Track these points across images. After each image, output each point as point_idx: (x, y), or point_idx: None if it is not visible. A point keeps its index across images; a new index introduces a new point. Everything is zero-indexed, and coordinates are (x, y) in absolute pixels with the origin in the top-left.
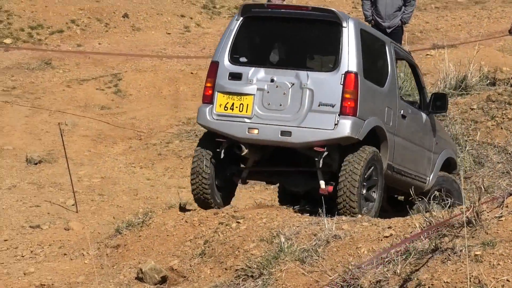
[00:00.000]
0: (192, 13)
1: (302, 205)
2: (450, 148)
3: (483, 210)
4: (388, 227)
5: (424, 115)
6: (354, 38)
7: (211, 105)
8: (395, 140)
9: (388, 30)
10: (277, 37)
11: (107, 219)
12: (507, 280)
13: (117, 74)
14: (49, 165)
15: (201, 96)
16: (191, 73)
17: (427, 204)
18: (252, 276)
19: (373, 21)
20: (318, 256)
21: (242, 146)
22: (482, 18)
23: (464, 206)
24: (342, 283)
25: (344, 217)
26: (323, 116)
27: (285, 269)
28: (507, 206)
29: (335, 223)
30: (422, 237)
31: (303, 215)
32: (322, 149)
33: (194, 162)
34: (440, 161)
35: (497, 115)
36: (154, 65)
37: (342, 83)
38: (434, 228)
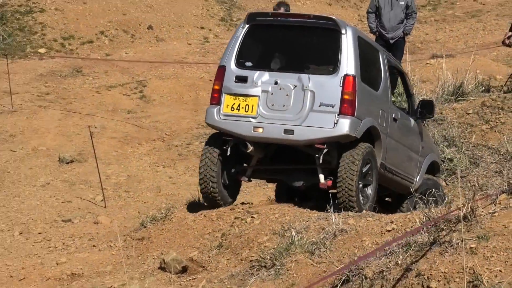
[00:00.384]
0: (211, 25)
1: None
2: (435, 153)
3: (478, 207)
4: (391, 222)
5: (412, 120)
6: (352, 44)
7: (219, 106)
8: (388, 140)
9: (391, 41)
10: (280, 43)
11: (133, 214)
12: (500, 271)
13: (142, 81)
14: (80, 164)
15: None
16: (210, 80)
17: (419, 202)
18: (265, 266)
19: (377, 33)
20: (326, 248)
21: (247, 144)
22: (477, 30)
23: (460, 203)
24: (348, 273)
25: (350, 213)
26: (324, 116)
27: (295, 260)
28: (499, 203)
29: (342, 218)
30: (421, 231)
31: (312, 211)
32: (322, 146)
33: (201, 161)
34: (426, 164)
35: (491, 119)
36: (176, 72)
37: (341, 85)
38: (433, 223)
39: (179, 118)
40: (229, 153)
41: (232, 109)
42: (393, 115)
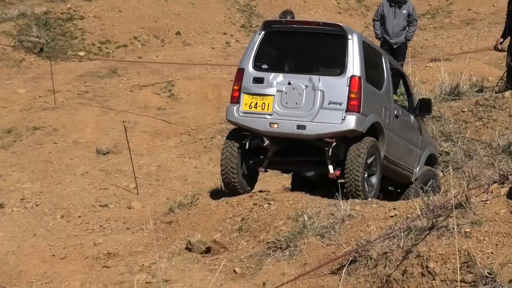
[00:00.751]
0: (233, 31)
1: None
2: (433, 147)
3: (472, 195)
4: (393, 209)
5: (412, 117)
6: (357, 48)
7: (238, 104)
8: (390, 135)
9: (395, 46)
10: (293, 47)
11: (162, 200)
12: (492, 253)
13: (171, 81)
14: (115, 155)
15: None
16: (231, 80)
17: (419, 191)
18: (280, 247)
19: (382, 38)
20: (335, 232)
21: (264, 138)
22: (472, 37)
23: (449, 193)
24: (355, 254)
25: (356, 200)
26: (332, 113)
27: (307, 242)
28: (491, 192)
29: (349, 205)
30: (421, 217)
31: (322, 198)
32: (331, 140)
33: (223, 154)
34: (425, 156)
35: (484, 116)
36: (201, 74)
37: (348, 85)
38: (431, 209)
39: (203, 114)
40: (247, 146)
41: (250, 107)
42: (395, 112)
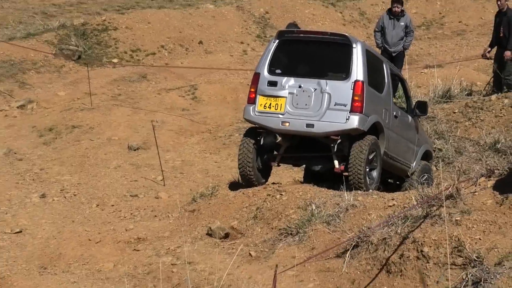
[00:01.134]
0: (249, 40)
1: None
2: (428, 144)
3: (462, 187)
4: (392, 199)
5: (410, 117)
6: (361, 56)
7: (254, 105)
8: (389, 133)
9: (394, 54)
10: (304, 55)
11: (186, 191)
12: (479, 239)
13: (194, 85)
14: (144, 151)
15: None
16: (248, 84)
17: (414, 184)
18: (291, 233)
19: (382, 47)
20: (340, 220)
21: (277, 135)
22: (462, 46)
23: (443, 184)
24: (357, 240)
25: (359, 192)
26: (338, 113)
27: (315, 229)
28: (479, 184)
29: (353, 196)
30: (416, 207)
31: (329, 190)
32: (336, 138)
33: (240, 149)
34: (421, 152)
35: (473, 117)
36: (220, 78)
37: (352, 88)
38: (426, 200)
39: (222, 114)
40: (262, 142)
41: (265, 107)
42: (394, 113)
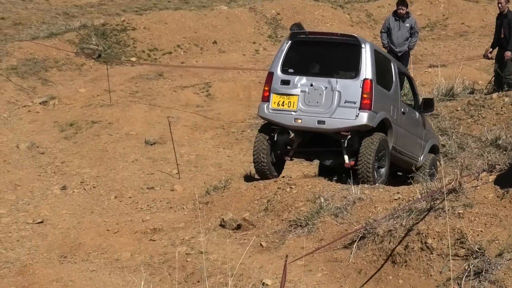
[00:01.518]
0: (261, 40)
1: (333, 177)
2: (435, 138)
3: (464, 182)
4: (397, 193)
5: (417, 113)
6: (369, 55)
7: (268, 102)
8: (397, 129)
9: (399, 54)
10: (315, 55)
11: (200, 184)
12: (481, 231)
13: (208, 83)
14: (161, 145)
15: None
16: (260, 82)
17: (424, 176)
18: (300, 225)
19: (388, 47)
20: (347, 212)
21: (289, 132)
22: (464, 46)
23: (444, 179)
24: (364, 231)
25: (365, 185)
26: (348, 110)
27: (323, 221)
28: (481, 179)
29: (360, 189)
30: (421, 200)
31: (337, 184)
32: (346, 134)
33: (255, 145)
34: (428, 146)
35: (475, 114)
36: (233, 76)
37: (361, 86)
38: (430, 194)
39: (235, 111)
40: (275, 138)
41: (278, 105)
42: (402, 109)
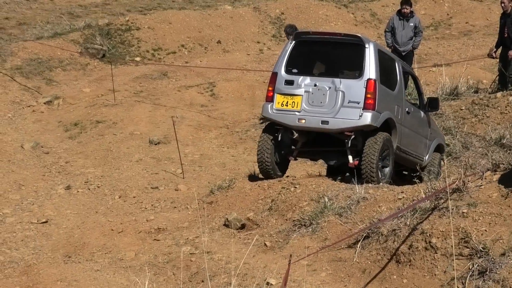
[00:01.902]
0: (265, 40)
1: (337, 177)
2: (440, 137)
3: (468, 181)
4: (401, 192)
5: (422, 112)
6: (373, 55)
7: (272, 102)
8: (402, 129)
9: (403, 53)
10: (318, 55)
11: (204, 184)
12: (485, 230)
13: (212, 82)
14: (165, 145)
15: None
16: (264, 82)
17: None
18: (304, 225)
19: (392, 47)
20: (351, 212)
21: (293, 132)
22: (468, 46)
23: (448, 179)
24: (368, 231)
25: (370, 185)
26: (351, 110)
27: (328, 220)
28: (485, 178)
29: (364, 189)
30: (425, 200)
31: (341, 183)
32: (350, 134)
33: (259, 145)
34: (433, 146)
35: (479, 114)
36: (238, 76)
37: (365, 86)
38: (434, 193)
39: (239, 111)
40: (279, 138)
41: (282, 105)
42: (407, 109)
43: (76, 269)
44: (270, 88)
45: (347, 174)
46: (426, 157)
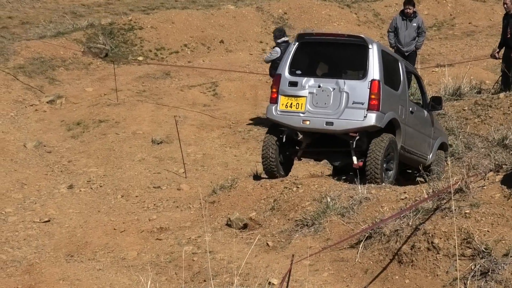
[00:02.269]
0: (268, 40)
1: (341, 176)
2: (443, 136)
3: (471, 181)
4: (404, 192)
5: (425, 112)
6: (377, 56)
7: (276, 104)
8: (406, 128)
9: (406, 54)
10: (322, 56)
11: (207, 183)
12: (488, 231)
13: (215, 82)
14: (167, 144)
15: None
16: (266, 82)
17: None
18: (307, 225)
19: (395, 47)
20: (354, 212)
21: (298, 133)
22: (471, 46)
23: (451, 179)
24: (370, 231)
25: (372, 185)
26: (356, 111)
27: (330, 220)
28: (488, 179)
29: (366, 189)
30: (427, 200)
31: (343, 183)
32: (355, 135)
33: (263, 145)
34: (437, 144)
35: (482, 114)
36: (240, 76)
37: (369, 87)
38: (436, 193)
39: (242, 110)
40: (284, 139)
41: (286, 106)
42: (410, 109)
43: (79, 268)
44: (274, 90)
45: (351, 173)
46: (430, 156)
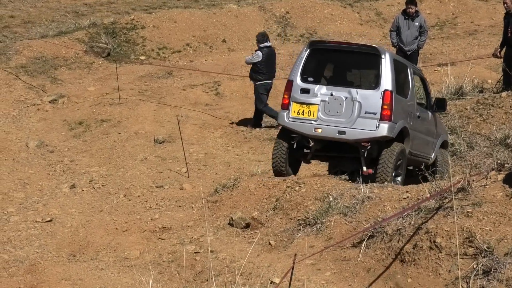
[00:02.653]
0: (270, 39)
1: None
2: (445, 134)
3: (473, 181)
4: (406, 191)
5: (430, 113)
6: (389, 66)
7: (288, 110)
8: (413, 134)
9: (408, 53)
10: (335, 64)
11: (209, 183)
12: (490, 230)
13: (217, 81)
14: (170, 144)
15: (274, 98)
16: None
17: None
18: (309, 224)
19: (397, 46)
20: (356, 211)
21: (310, 140)
22: (474, 45)
23: (453, 178)
24: (373, 230)
25: (374, 184)
26: (368, 121)
27: (332, 219)
28: (490, 178)
29: (368, 188)
30: (430, 199)
31: (346, 182)
32: (367, 144)
33: (274, 148)
34: (439, 143)
35: (484, 113)
36: (243, 75)
37: (381, 97)
38: (438, 192)
39: (244, 110)
40: (295, 146)
41: (298, 113)
42: (417, 113)
43: (81, 268)
44: (286, 96)
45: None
46: (432, 155)
